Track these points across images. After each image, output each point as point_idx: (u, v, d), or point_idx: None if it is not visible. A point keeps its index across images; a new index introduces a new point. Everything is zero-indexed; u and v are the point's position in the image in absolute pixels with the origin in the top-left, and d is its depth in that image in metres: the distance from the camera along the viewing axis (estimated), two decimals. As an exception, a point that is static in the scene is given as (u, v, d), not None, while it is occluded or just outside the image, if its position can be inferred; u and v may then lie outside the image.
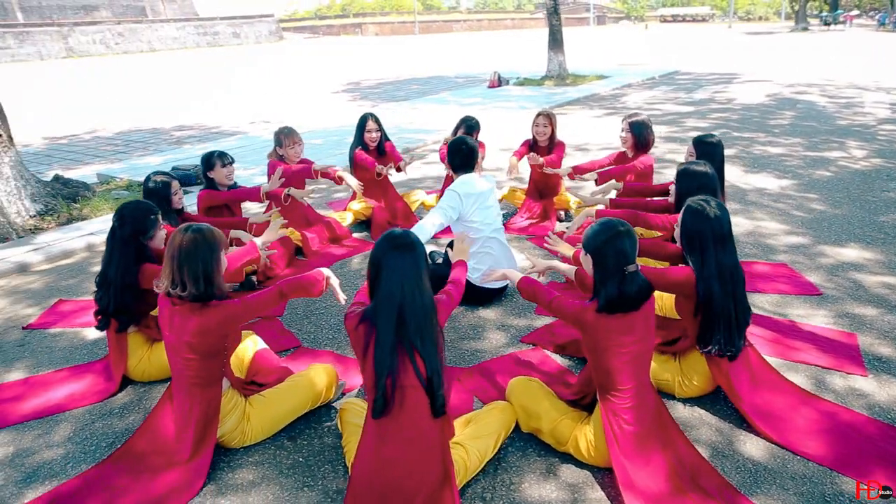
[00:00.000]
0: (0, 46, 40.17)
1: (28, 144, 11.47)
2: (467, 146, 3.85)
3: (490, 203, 3.88)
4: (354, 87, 18.54)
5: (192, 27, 51.52)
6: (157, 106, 16.10)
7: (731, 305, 2.73)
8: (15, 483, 2.61)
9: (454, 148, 3.87)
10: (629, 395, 2.40)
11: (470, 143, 3.88)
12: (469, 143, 3.88)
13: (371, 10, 62.17)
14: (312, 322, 3.89)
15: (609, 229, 2.37)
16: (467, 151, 3.84)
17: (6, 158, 5.79)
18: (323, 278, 2.75)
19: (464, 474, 2.39)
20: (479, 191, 3.78)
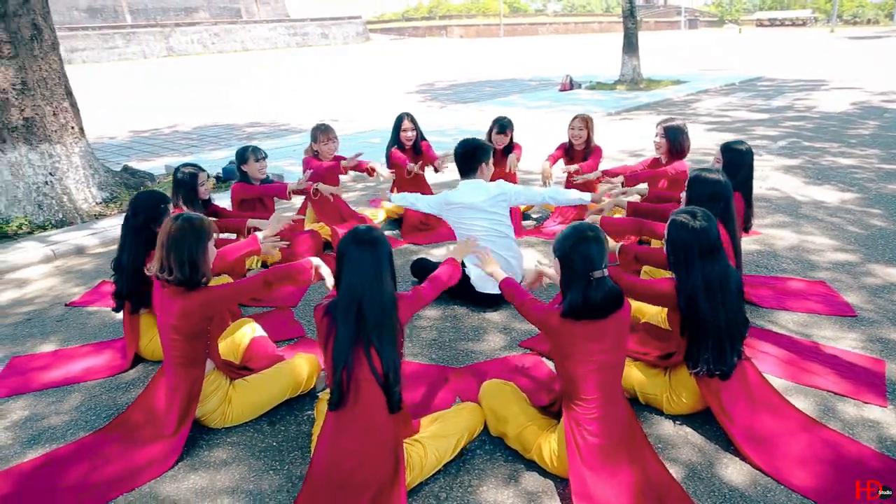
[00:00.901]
0: (109, 46, 43.21)
1: (114, 137, 12.32)
2: (464, 151, 3.85)
3: (477, 214, 3.83)
4: (428, 88, 18.76)
5: (284, 28, 53.56)
6: (237, 102, 16.87)
7: (720, 320, 2.60)
8: (20, 443, 2.83)
9: (456, 154, 3.90)
10: (595, 406, 2.33)
11: (469, 149, 3.86)
12: (468, 148, 3.86)
13: (457, 13, 62.60)
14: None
15: (576, 234, 2.32)
16: (468, 156, 3.84)
17: (76, 149, 6.23)
18: (311, 267, 2.83)
19: (418, 472, 2.40)
20: (461, 201, 3.79)
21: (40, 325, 4.04)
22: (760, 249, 4.78)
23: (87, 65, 40.47)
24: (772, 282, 4.22)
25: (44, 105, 5.89)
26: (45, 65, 5.90)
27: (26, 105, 5.77)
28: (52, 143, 5.99)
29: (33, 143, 5.87)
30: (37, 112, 5.84)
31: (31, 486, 2.55)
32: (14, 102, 5.71)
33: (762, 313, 3.79)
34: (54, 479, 2.57)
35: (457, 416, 2.59)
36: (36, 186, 5.93)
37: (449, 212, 3.89)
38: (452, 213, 3.88)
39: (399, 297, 2.39)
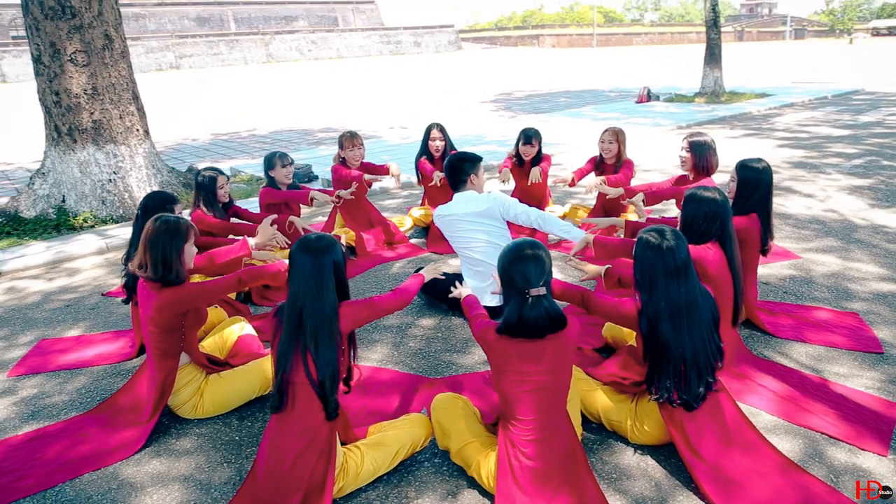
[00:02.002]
0: (214, 52, 45.96)
1: (196, 139, 13.11)
2: (450, 164, 3.85)
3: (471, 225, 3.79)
4: (504, 97, 18.79)
5: (378, 36, 55.11)
6: (317, 108, 17.53)
7: (684, 347, 2.47)
8: (20, 418, 3.09)
9: (445, 167, 3.90)
10: (531, 428, 2.28)
11: (454, 161, 3.85)
12: (454, 161, 3.85)
13: (551, 22, 62.28)
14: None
15: (516, 251, 2.28)
16: (456, 170, 3.82)
17: (140, 150, 6.69)
18: (284, 268, 2.93)
19: (352, 479, 2.42)
20: (453, 213, 3.79)
21: (75, 311, 4.38)
22: (794, 275, 4.48)
23: (193, 70, 43.22)
24: (796, 310, 3.95)
25: (111, 109, 6.37)
26: (115, 72, 6.38)
27: (95, 108, 6.26)
28: (118, 144, 6.47)
29: (100, 143, 6.36)
30: (104, 115, 6.33)
31: (16, 457, 2.77)
32: (85, 106, 6.21)
33: (774, 343, 3.55)
34: (36, 453, 2.79)
35: (401, 427, 2.59)
36: (101, 184, 6.42)
37: (443, 225, 3.88)
38: (445, 225, 3.86)
39: (346, 305, 2.43)
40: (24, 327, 4.17)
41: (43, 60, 6.05)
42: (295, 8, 56.28)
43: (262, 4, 54.95)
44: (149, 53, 43.33)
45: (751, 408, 2.97)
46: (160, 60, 43.45)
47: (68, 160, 6.33)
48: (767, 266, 4.64)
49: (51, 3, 5.86)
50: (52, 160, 6.42)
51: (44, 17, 5.91)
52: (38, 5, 5.89)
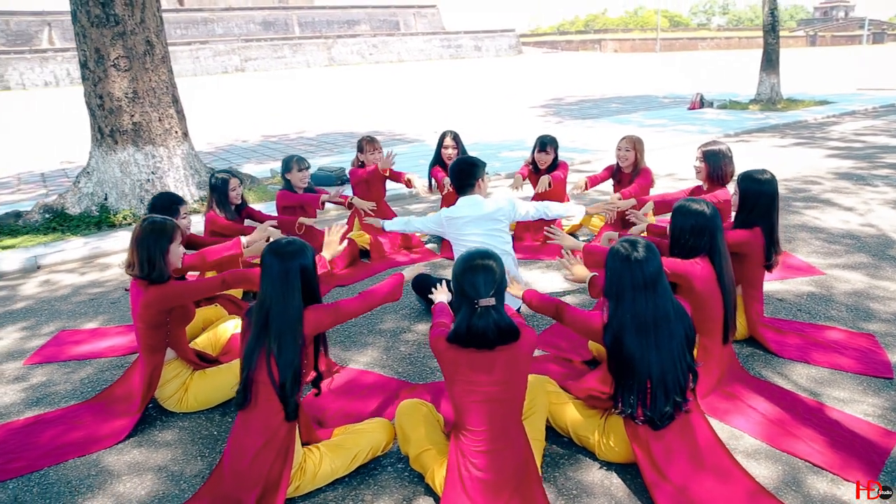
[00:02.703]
0: (278, 56, 47.30)
1: (246, 140, 13.54)
2: (464, 168, 3.85)
3: (480, 229, 3.79)
4: (555, 102, 18.63)
5: (438, 40, 55.50)
6: (369, 111, 17.82)
7: (650, 362, 2.41)
8: (25, 403, 3.29)
9: (451, 171, 3.90)
10: (482, 439, 2.27)
11: (463, 165, 3.86)
12: (462, 165, 3.86)
13: (614, 27, 61.28)
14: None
15: (468, 260, 2.28)
16: (464, 173, 3.83)
17: (179, 151, 6.98)
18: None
19: (310, 479, 2.46)
20: (464, 215, 3.76)
21: (97, 305, 4.61)
22: (813, 292, 4.28)
23: (257, 72, 44.55)
24: (807, 329, 3.78)
25: (151, 111, 6.67)
26: (155, 76, 6.68)
27: (136, 111, 6.57)
28: (156, 146, 6.76)
29: (139, 144, 6.67)
30: (144, 117, 6.63)
31: (13, 440, 2.95)
32: (126, 109, 6.53)
33: (776, 363, 3.41)
34: (31, 437, 2.96)
35: (363, 431, 2.62)
36: (139, 183, 6.72)
37: (449, 227, 3.89)
38: (452, 228, 3.87)
39: (311, 309, 2.49)
40: (49, 318, 4.42)
41: (89, 66, 6.40)
42: (357, 12, 57.33)
43: (326, 9, 56.21)
44: (216, 56, 44.97)
45: (734, 430, 2.87)
46: (226, 63, 45.03)
47: (110, 160, 6.67)
48: (786, 282, 4.46)
49: (96, 11, 6.19)
50: (96, 160, 6.77)
51: (90, 25, 6.25)
52: (86, 14, 6.23)
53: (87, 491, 2.60)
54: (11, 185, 9.72)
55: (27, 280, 5.26)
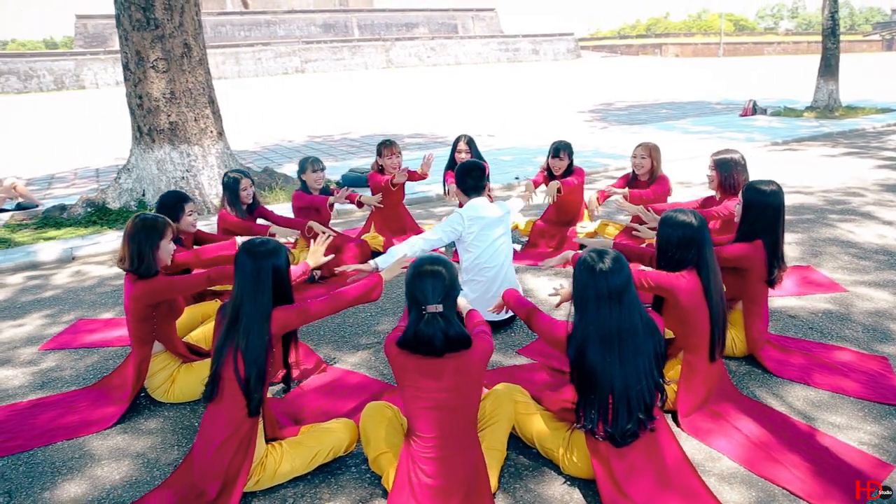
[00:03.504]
0: (337, 58, 48.23)
1: (292, 140, 13.85)
2: (477, 169, 3.84)
3: (496, 233, 3.79)
4: (604, 107, 18.34)
5: (496, 43, 55.44)
6: (416, 113, 17.96)
7: (614, 376, 2.35)
8: (31, 387, 3.47)
9: (463, 171, 3.87)
10: (431, 446, 2.27)
11: (479, 167, 3.86)
12: (479, 167, 3.86)
13: (676, 31, 59.83)
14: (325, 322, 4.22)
15: (418, 266, 2.29)
16: (478, 174, 3.82)
17: (213, 150, 7.22)
18: None
19: (269, 475, 2.51)
20: (485, 216, 3.73)
21: (117, 296, 4.82)
22: (830, 310, 4.09)
23: (316, 74, 45.55)
24: (814, 349, 3.60)
25: (187, 112, 6.92)
26: (192, 78, 6.93)
27: (172, 111, 6.84)
28: (191, 145, 7.02)
29: (175, 143, 6.93)
30: (180, 117, 6.89)
31: (13, 420, 3.12)
32: (163, 109, 6.80)
33: (773, 383, 3.27)
34: (30, 418, 3.13)
35: (325, 430, 2.65)
36: (175, 180, 6.98)
37: (469, 229, 3.69)
38: (473, 229, 3.70)
39: (279, 309, 2.54)
40: (73, 307, 4.64)
41: (130, 67, 6.69)
42: (416, 15, 57.84)
43: (385, 12, 56.97)
44: (277, 58, 46.21)
45: (713, 451, 2.78)
46: (286, 64, 46.21)
47: (148, 158, 6.95)
48: (802, 298, 4.28)
49: (138, 15, 6.48)
50: (136, 157, 7.07)
51: (132, 29, 6.54)
52: (128, 18, 6.53)
53: (67, 472, 2.73)
54: (67, 180, 10.25)
55: (61, 270, 5.54)
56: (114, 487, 2.63)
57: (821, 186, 7.31)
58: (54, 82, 36.44)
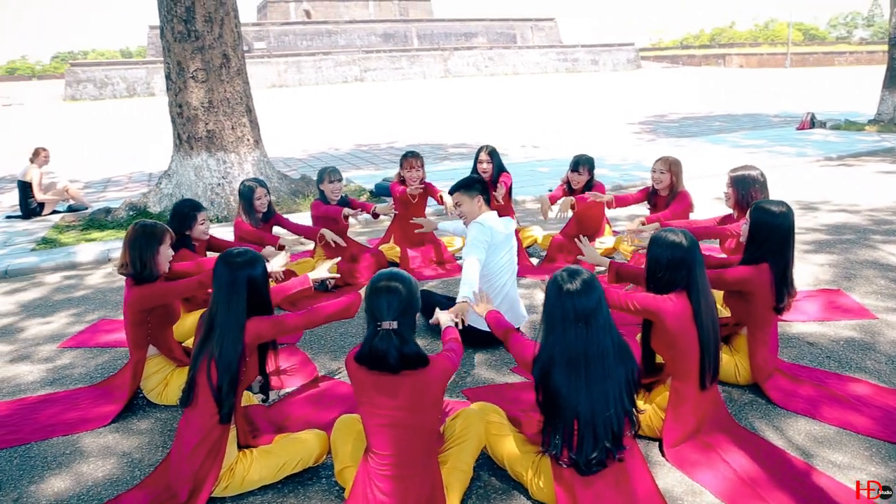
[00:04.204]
0: (396, 67, 48.94)
1: (338, 148, 14.12)
2: (478, 183, 3.81)
3: (507, 247, 3.75)
4: (655, 119, 17.97)
5: (555, 53, 55.16)
6: (466, 122, 18.01)
7: (580, 401, 2.28)
8: (43, 383, 3.64)
9: (467, 185, 3.84)
10: (387, 464, 2.25)
11: (481, 181, 3.83)
12: (480, 181, 3.82)
13: (741, 41, 58.02)
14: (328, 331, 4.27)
15: (375, 282, 2.28)
16: (478, 188, 3.79)
17: (250, 157, 7.43)
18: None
19: (238, 482, 2.54)
20: (500, 230, 3.70)
21: (140, 297, 4.99)
22: (854, 338, 3.86)
23: (375, 83, 46.32)
24: (828, 380, 3.39)
25: (224, 120, 7.15)
26: (230, 87, 7.16)
27: (210, 120, 7.07)
28: (227, 152, 7.24)
29: (212, 150, 7.16)
30: (217, 126, 7.12)
31: (19, 414, 3.27)
32: (201, 117, 7.04)
33: (775, 416, 3.10)
34: (34, 413, 3.27)
35: (297, 441, 2.66)
36: (211, 186, 7.21)
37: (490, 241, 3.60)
38: (495, 240, 3.63)
39: (254, 319, 2.59)
40: (98, 307, 4.84)
41: (171, 77, 6.97)
42: (475, 25, 58.15)
43: (445, 21, 57.47)
44: (337, 67, 47.28)
45: (695, 485, 2.65)
46: (346, 73, 47.22)
47: (186, 164, 7.21)
48: (826, 324, 4.05)
49: (179, 28, 6.74)
50: (176, 164, 7.34)
51: (174, 40, 6.81)
52: (171, 30, 6.80)
53: (56, 467, 2.84)
54: (121, 183, 10.74)
55: (96, 271, 5.79)
56: (95, 485, 2.72)
57: (869, 205, 6.93)
58: (126, 89, 38.27)
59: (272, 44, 49.77)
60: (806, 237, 5.83)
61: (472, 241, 3.60)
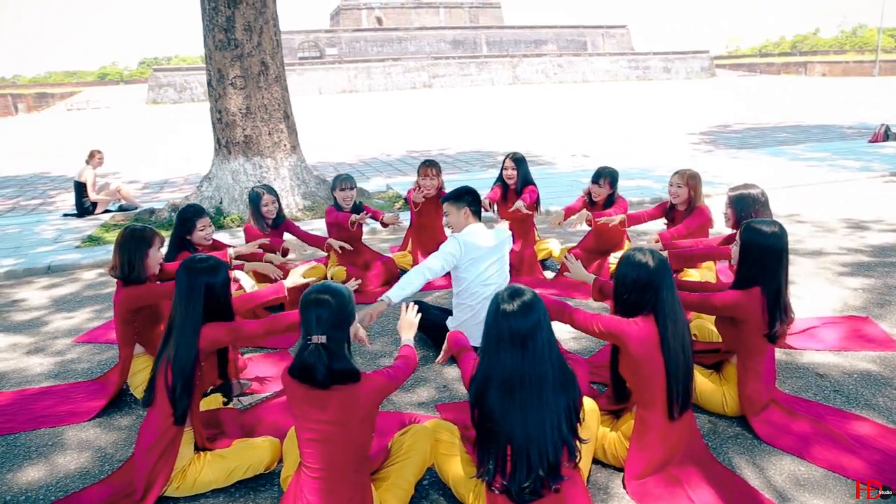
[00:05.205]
0: (464, 73, 49.17)
1: (389, 154, 14.29)
2: (469, 194, 3.76)
3: (492, 260, 3.70)
4: (719, 129, 17.31)
5: (626, 61, 54.09)
6: (525, 130, 17.89)
7: (513, 426, 2.21)
8: (49, 374, 3.84)
9: (461, 193, 3.80)
10: (316, 477, 2.24)
11: (473, 192, 3.78)
12: (473, 192, 3.78)
13: (825, 48, 55.07)
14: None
15: (307, 294, 2.28)
16: (469, 199, 3.75)
17: (286, 163, 7.62)
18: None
19: (190, 484, 2.59)
20: (480, 245, 3.66)
21: (160, 295, 5.20)
22: (870, 371, 3.57)
23: (443, 89, 46.71)
24: (829, 416, 3.15)
25: (261, 126, 7.36)
26: (268, 94, 7.37)
27: (247, 125, 7.30)
28: (264, 157, 7.45)
29: (249, 155, 7.38)
30: (255, 131, 7.34)
31: (18, 404, 3.47)
32: (239, 123, 7.28)
33: (759, 452, 2.89)
34: (32, 403, 3.46)
35: (250, 447, 2.70)
36: (247, 190, 7.42)
37: (469, 254, 3.63)
38: (471, 256, 3.63)
39: (210, 325, 2.65)
40: (120, 303, 5.07)
41: (212, 84, 7.24)
42: (545, 32, 57.76)
43: (514, 28, 57.35)
44: (406, 73, 47.96)
45: (652, 519, 2.53)
46: (414, 79, 47.82)
47: (225, 168, 7.46)
48: (843, 354, 3.77)
49: (220, 36, 7.00)
50: (216, 168, 7.61)
51: (215, 49, 7.07)
52: (212, 38, 7.07)
53: (36, 457, 2.99)
54: (176, 185, 11.22)
55: (129, 268, 6.06)
56: (66, 476, 2.84)
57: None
58: (203, 93, 39.99)
59: (343, 50, 50.96)
60: (844, 258, 5.48)
61: (439, 251, 3.63)
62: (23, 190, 11.71)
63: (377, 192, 9.43)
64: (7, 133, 27.55)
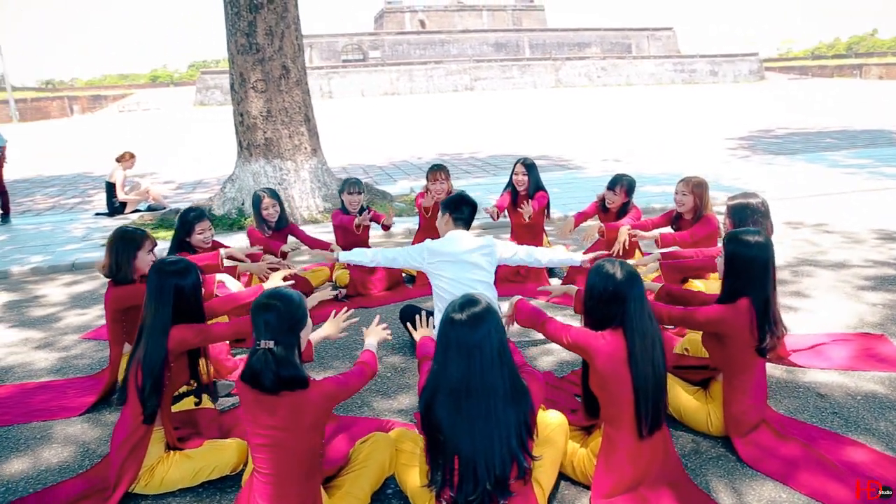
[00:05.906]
0: (506, 76, 49.02)
1: (420, 157, 14.33)
2: (464, 203, 3.73)
3: (465, 266, 3.66)
4: (760, 134, 16.80)
5: (671, 64, 53.04)
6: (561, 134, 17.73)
7: (460, 437, 2.17)
8: (51, 369, 3.98)
9: (457, 200, 3.78)
10: (267, 482, 2.24)
11: (467, 200, 3.74)
12: (467, 200, 3.74)
13: (883, 49, 52.78)
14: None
15: (259, 298, 2.29)
16: (472, 205, 3.74)
17: (307, 165, 7.72)
18: (213, 282, 3.37)
19: (157, 481, 2.63)
20: (452, 251, 3.64)
21: (171, 295, 5.32)
22: (877, 393, 3.36)
23: (484, 92, 46.64)
24: (822, 440, 2.99)
25: (282, 129, 7.48)
26: (289, 97, 7.48)
27: (268, 128, 7.42)
28: (284, 160, 7.56)
29: (269, 158, 7.51)
30: (275, 134, 7.46)
31: (16, 397, 3.59)
32: (260, 126, 7.40)
33: (739, 475, 2.76)
34: (30, 397, 3.58)
35: (218, 448, 2.73)
36: (267, 191, 7.55)
37: (434, 260, 3.71)
38: (438, 261, 3.69)
39: (178, 327, 2.70)
40: (132, 301, 5.21)
41: (234, 87, 7.39)
42: (589, 35, 57.15)
43: (558, 31, 56.93)
44: (448, 76, 48.08)
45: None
46: (456, 82, 47.89)
47: (246, 170, 7.60)
48: (851, 374, 3.58)
49: (242, 41, 7.14)
50: (238, 169, 7.76)
51: (237, 53, 7.22)
52: (234, 43, 7.21)
53: (24, 449, 3.09)
54: (208, 185, 11.49)
55: (147, 267, 6.23)
56: (47, 469, 2.93)
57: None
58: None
59: (386, 52, 51.44)
60: (868, 271, 5.23)
61: (408, 247, 3.84)
62: (65, 189, 12.17)
63: (400, 195, 9.46)
64: (61, 134, 28.72)
